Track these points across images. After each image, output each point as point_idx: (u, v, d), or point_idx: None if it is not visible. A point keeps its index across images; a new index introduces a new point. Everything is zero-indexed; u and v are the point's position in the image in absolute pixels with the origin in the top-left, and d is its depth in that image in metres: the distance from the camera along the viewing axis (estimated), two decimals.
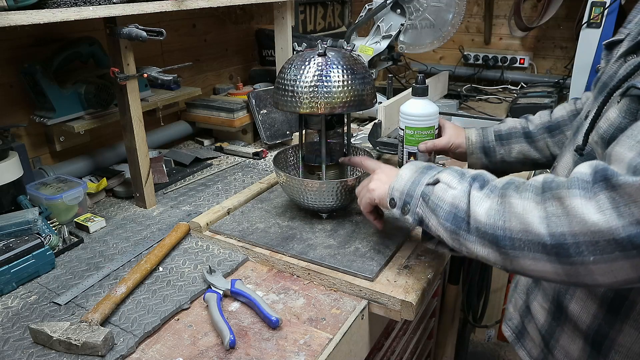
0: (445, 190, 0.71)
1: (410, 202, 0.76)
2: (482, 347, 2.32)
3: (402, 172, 0.80)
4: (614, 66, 0.75)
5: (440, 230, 0.71)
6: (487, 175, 0.71)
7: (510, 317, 0.94)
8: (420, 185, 0.75)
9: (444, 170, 0.75)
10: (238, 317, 0.84)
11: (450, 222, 0.68)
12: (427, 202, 0.73)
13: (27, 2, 0.85)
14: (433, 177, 0.74)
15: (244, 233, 1.04)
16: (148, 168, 1.21)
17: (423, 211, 0.74)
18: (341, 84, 0.95)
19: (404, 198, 0.77)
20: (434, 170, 0.77)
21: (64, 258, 1.02)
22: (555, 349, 0.79)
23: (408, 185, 0.77)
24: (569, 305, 0.76)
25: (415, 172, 0.78)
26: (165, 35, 1.02)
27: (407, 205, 0.77)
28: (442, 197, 0.71)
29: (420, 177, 0.76)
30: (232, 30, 1.88)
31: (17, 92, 1.24)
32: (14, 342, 0.78)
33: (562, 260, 0.57)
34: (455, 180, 0.71)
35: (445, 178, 0.72)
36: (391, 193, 0.80)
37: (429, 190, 0.73)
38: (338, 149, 1.11)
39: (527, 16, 2.25)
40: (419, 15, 1.71)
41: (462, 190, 0.69)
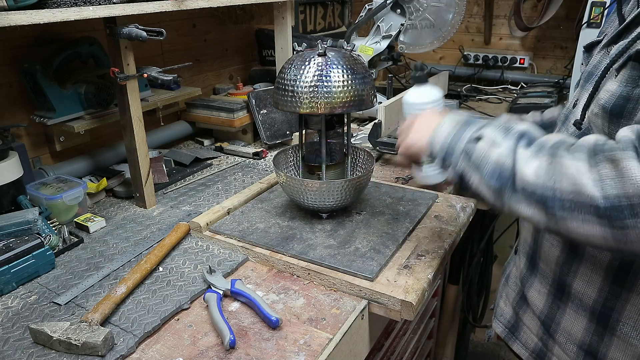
0: (489, 148, 0.68)
1: (451, 157, 0.73)
2: (482, 347, 2.32)
3: (442, 125, 0.77)
4: (597, 57, 0.77)
5: (482, 188, 0.69)
6: (533, 132, 0.68)
7: (501, 312, 0.95)
8: (461, 141, 0.72)
9: (487, 126, 0.72)
10: (238, 317, 0.84)
11: (494, 180, 0.67)
12: (470, 158, 0.71)
13: (27, 2, 0.85)
14: (476, 132, 0.72)
15: (244, 233, 1.04)
16: (148, 168, 1.21)
17: (465, 167, 0.72)
18: (341, 84, 0.95)
19: (444, 153, 0.75)
20: (475, 125, 0.73)
21: (64, 258, 1.02)
22: (557, 332, 0.80)
23: (448, 140, 0.74)
24: (572, 283, 0.76)
25: (455, 125, 0.75)
26: (165, 35, 1.02)
27: (447, 160, 0.74)
28: (485, 154, 0.68)
29: (462, 132, 0.73)
30: (232, 30, 1.88)
31: (17, 92, 1.24)
32: (14, 342, 0.78)
33: (614, 224, 0.56)
34: (499, 136, 0.68)
35: (489, 134, 0.70)
36: (430, 147, 0.78)
37: (471, 147, 0.71)
38: (338, 149, 1.11)
39: (527, 16, 2.25)
40: (419, 15, 1.71)
41: (508, 147, 0.66)
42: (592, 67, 0.77)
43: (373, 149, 1.46)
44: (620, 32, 0.72)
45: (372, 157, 1.14)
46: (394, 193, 1.22)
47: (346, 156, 1.13)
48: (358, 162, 1.19)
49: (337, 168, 1.10)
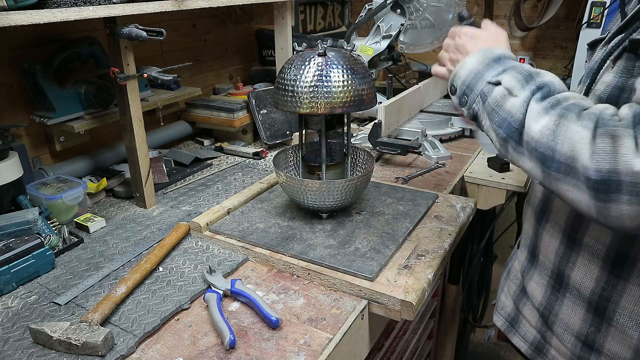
0: (505, 97, 0.68)
1: (469, 95, 0.73)
2: (482, 347, 2.32)
3: (469, 58, 0.75)
4: (599, 53, 0.78)
5: (491, 133, 0.70)
6: (553, 85, 0.66)
7: (502, 306, 0.95)
8: (482, 81, 0.71)
9: (509, 70, 0.70)
10: (238, 317, 0.84)
11: (503, 129, 0.67)
12: (484, 102, 0.70)
13: (27, 2, 0.85)
14: (496, 76, 0.70)
15: (244, 233, 1.04)
16: (148, 168, 1.21)
17: (479, 109, 0.72)
18: (341, 84, 0.95)
19: (464, 89, 0.74)
20: (500, 65, 0.71)
21: (64, 258, 1.02)
22: (555, 323, 0.81)
23: (471, 76, 0.73)
24: (570, 274, 0.77)
25: (481, 62, 0.73)
26: (165, 35, 1.02)
27: (465, 97, 0.74)
28: (499, 102, 0.68)
29: (485, 71, 0.72)
30: (232, 30, 1.88)
31: (17, 92, 1.24)
32: (14, 342, 0.78)
33: (600, 197, 0.58)
34: (518, 86, 0.67)
35: (507, 81, 0.68)
36: (453, 79, 0.77)
37: (489, 89, 0.70)
38: (338, 149, 1.11)
39: (527, 16, 2.25)
40: (419, 15, 1.71)
41: (522, 99, 0.66)
42: (593, 62, 0.78)
43: (373, 149, 1.46)
44: (622, 27, 0.73)
45: (372, 157, 1.14)
46: (394, 193, 1.22)
47: (346, 156, 1.13)
48: (358, 162, 1.19)
49: (337, 168, 1.10)
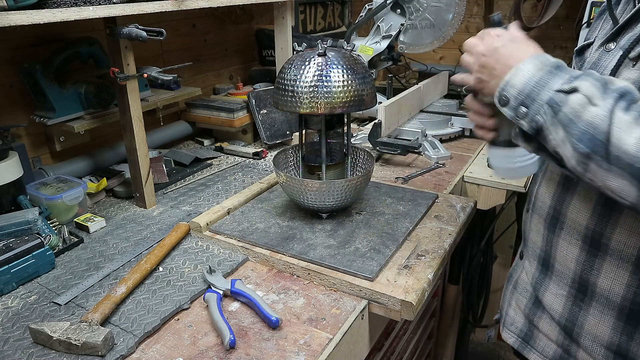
0: (585, 105, 0.60)
1: (531, 106, 0.64)
2: (482, 347, 2.32)
3: (524, 65, 0.66)
4: (595, 55, 0.75)
5: (565, 149, 0.62)
6: (633, 91, 0.60)
7: (511, 322, 0.90)
8: (547, 89, 0.63)
9: (582, 77, 0.62)
10: (238, 317, 0.84)
11: (584, 143, 0.59)
12: (557, 113, 0.62)
13: (27, 2, 0.85)
14: (569, 83, 0.62)
15: (244, 233, 1.04)
16: (148, 168, 1.21)
17: (546, 121, 0.63)
18: (341, 84, 0.95)
19: (522, 99, 0.65)
20: (566, 73, 0.64)
21: (64, 258, 1.02)
22: (581, 335, 0.76)
23: (531, 84, 0.65)
24: (596, 282, 0.72)
25: (540, 68, 0.65)
26: (165, 35, 1.02)
27: (524, 108, 0.65)
28: (579, 112, 0.60)
29: (549, 79, 0.64)
30: (232, 30, 1.88)
31: (17, 92, 1.24)
32: (14, 342, 0.78)
33: None
34: (597, 93, 0.60)
35: (586, 89, 0.60)
36: (504, 88, 0.67)
37: (562, 99, 0.62)
38: (338, 149, 1.11)
39: (527, 16, 2.25)
40: (419, 15, 1.71)
41: (605, 108, 0.58)
42: (591, 65, 0.75)
43: (373, 149, 1.46)
44: (619, 30, 0.71)
45: (372, 157, 1.14)
46: (394, 193, 1.22)
47: (346, 156, 1.13)
48: (358, 162, 1.19)
49: (337, 168, 1.10)
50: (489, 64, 0.70)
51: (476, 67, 0.72)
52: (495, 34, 0.72)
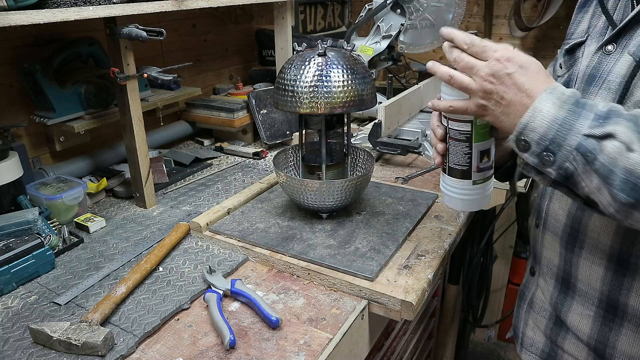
0: (623, 153, 0.54)
1: (558, 152, 0.58)
2: (482, 347, 2.32)
3: (541, 104, 0.59)
4: (594, 59, 0.71)
5: (603, 197, 0.57)
6: None
7: (531, 342, 0.85)
8: (575, 133, 0.57)
9: (612, 118, 0.56)
10: (238, 317, 0.84)
11: (627, 193, 0.54)
12: (592, 162, 0.56)
13: (27, 2, 0.85)
14: (599, 127, 0.56)
15: (244, 233, 1.04)
16: (148, 168, 1.21)
17: (577, 169, 0.57)
18: (341, 84, 0.95)
19: (547, 145, 0.58)
20: (589, 110, 0.58)
21: (64, 258, 1.02)
22: (614, 356, 0.72)
23: (555, 128, 0.58)
24: (627, 301, 0.68)
25: (560, 107, 0.58)
26: (165, 35, 1.02)
27: (550, 155, 0.58)
28: (617, 161, 0.54)
29: (574, 120, 0.57)
30: (232, 30, 1.88)
31: (17, 92, 1.24)
32: (14, 342, 0.78)
33: None
34: (634, 138, 0.54)
35: (622, 134, 0.54)
36: (523, 132, 0.60)
37: (595, 146, 0.55)
38: (338, 149, 1.11)
39: (527, 16, 2.25)
40: (419, 15, 1.71)
41: None
42: (592, 69, 0.71)
43: (373, 149, 1.46)
44: (618, 32, 0.68)
45: (372, 157, 1.14)
46: (394, 193, 1.22)
47: (346, 156, 1.13)
48: (358, 162, 1.19)
49: (337, 168, 1.10)
50: (498, 92, 0.62)
51: (480, 94, 0.64)
52: (505, 57, 0.62)
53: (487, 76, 0.63)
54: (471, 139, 0.72)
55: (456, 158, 0.74)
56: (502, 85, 0.62)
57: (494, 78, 0.62)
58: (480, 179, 0.74)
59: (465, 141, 0.72)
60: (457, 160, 0.74)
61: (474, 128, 0.71)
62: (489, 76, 0.62)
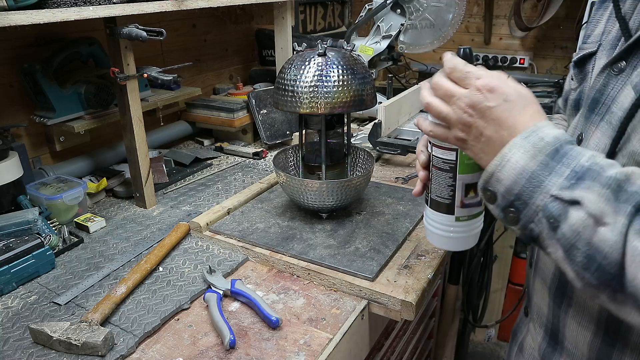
0: (589, 227, 0.46)
1: (522, 211, 0.51)
2: (482, 347, 2.32)
3: (512, 152, 0.52)
4: (600, 79, 0.59)
5: (567, 271, 0.50)
6: None
7: None
8: (542, 191, 0.49)
9: (586, 180, 0.47)
10: (238, 317, 0.84)
11: (591, 273, 0.46)
12: (555, 230, 0.49)
13: (27, 2, 0.85)
14: (569, 188, 0.48)
15: (244, 233, 1.04)
16: (148, 168, 1.21)
17: (542, 232, 0.50)
18: (341, 84, 0.95)
19: (512, 201, 0.52)
20: (568, 167, 0.49)
21: (64, 258, 1.02)
22: None
23: (521, 182, 0.51)
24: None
25: (533, 156, 0.50)
26: (165, 35, 1.02)
27: (514, 212, 0.52)
28: (582, 234, 0.46)
29: (544, 175, 0.49)
30: (232, 30, 1.88)
31: (17, 92, 1.24)
32: (14, 342, 0.78)
33: None
34: (607, 209, 0.45)
35: (591, 203, 0.46)
36: (489, 182, 0.54)
37: (560, 211, 0.48)
38: (338, 149, 1.11)
39: (527, 16, 2.25)
40: (419, 15, 1.71)
41: (616, 231, 0.45)
42: (595, 91, 0.60)
43: (373, 149, 1.46)
44: (630, 47, 0.56)
45: (372, 157, 1.14)
46: (394, 193, 1.22)
47: (346, 156, 1.13)
48: (358, 162, 1.19)
49: (337, 168, 1.10)
50: (477, 126, 0.55)
51: (459, 126, 0.57)
52: (488, 87, 0.54)
53: (465, 107, 0.56)
54: (455, 169, 0.65)
55: (438, 189, 0.67)
56: (482, 119, 0.55)
57: (473, 110, 0.55)
58: (465, 215, 0.67)
59: (449, 171, 0.65)
60: (439, 191, 0.67)
61: (459, 157, 0.64)
62: (467, 107, 0.55)
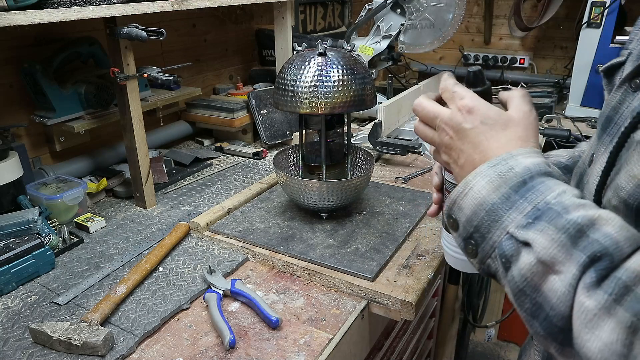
0: (538, 273, 0.43)
1: (480, 245, 0.48)
2: (482, 347, 2.32)
3: (476, 180, 0.49)
4: (617, 94, 0.53)
5: (520, 314, 0.46)
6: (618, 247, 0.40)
7: None
8: (499, 228, 0.46)
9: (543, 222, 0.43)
10: (238, 317, 0.84)
11: (539, 323, 0.43)
12: (507, 269, 0.46)
13: (27, 2, 0.85)
14: (525, 229, 0.44)
15: (244, 233, 1.04)
16: (148, 168, 1.21)
17: (497, 270, 0.48)
18: (341, 84, 0.95)
19: (471, 232, 0.49)
20: (532, 203, 0.45)
21: (64, 258, 1.02)
22: None
23: (481, 214, 0.48)
24: None
25: (497, 188, 0.47)
26: (165, 35, 1.02)
27: (473, 244, 0.49)
28: (530, 280, 0.43)
29: (505, 210, 0.46)
30: (232, 30, 1.88)
31: (17, 92, 1.24)
32: (14, 342, 0.78)
33: None
34: (559, 256, 0.42)
35: (541, 248, 0.43)
36: (452, 208, 0.52)
37: (513, 252, 0.45)
38: (338, 149, 1.11)
39: (527, 16, 2.25)
40: (419, 15, 1.71)
41: (566, 282, 0.41)
42: (610, 109, 0.53)
43: (373, 149, 1.46)
44: None
45: (372, 157, 1.14)
46: (394, 193, 1.22)
47: (346, 156, 1.13)
48: (358, 162, 1.19)
49: (337, 168, 1.10)
50: (456, 149, 0.54)
51: (443, 148, 0.56)
52: (467, 107, 0.53)
53: (446, 127, 0.55)
54: None
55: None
56: (460, 140, 0.53)
57: (453, 131, 0.54)
58: None
59: None
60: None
61: None
62: (448, 128, 0.55)
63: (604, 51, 1.75)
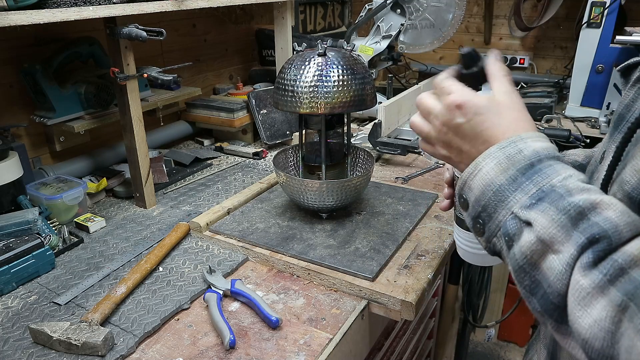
0: (538, 252, 0.44)
1: (487, 224, 0.50)
2: (482, 347, 2.32)
3: (485, 161, 0.50)
4: (630, 93, 0.54)
5: (520, 291, 0.48)
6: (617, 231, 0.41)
7: None
8: (505, 208, 0.48)
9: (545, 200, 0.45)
10: (238, 317, 0.84)
11: (537, 299, 0.45)
12: (509, 247, 0.48)
13: (27, 2, 0.85)
14: (527, 209, 0.46)
15: (244, 233, 1.04)
16: (148, 168, 1.21)
17: (502, 249, 0.50)
18: (341, 84, 0.95)
19: (479, 211, 0.51)
20: (533, 182, 0.47)
21: (64, 258, 1.02)
22: None
23: (488, 195, 0.49)
24: None
25: (505, 170, 0.49)
26: (165, 35, 1.02)
27: (480, 223, 0.51)
28: (529, 258, 0.45)
29: (511, 191, 0.48)
30: (232, 30, 1.88)
31: (17, 92, 1.24)
32: (14, 342, 0.78)
33: None
34: (559, 236, 0.43)
35: (541, 227, 0.44)
36: (462, 188, 0.54)
37: (515, 231, 0.47)
38: (338, 149, 1.11)
39: (527, 16, 2.25)
40: (419, 15, 1.71)
41: (564, 261, 0.42)
42: (622, 107, 0.55)
43: (373, 149, 1.46)
44: None
45: (372, 157, 1.14)
46: (394, 193, 1.22)
47: (346, 156, 1.13)
48: (358, 162, 1.19)
49: (337, 168, 1.10)
50: (455, 143, 0.55)
51: (440, 144, 0.57)
52: (455, 104, 0.53)
53: (440, 125, 0.56)
54: None
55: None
56: (457, 136, 0.54)
57: (446, 128, 0.55)
58: None
59: None
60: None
61: None
62: (442, 125, 0.55)
63: (604, 51, 1.75)
